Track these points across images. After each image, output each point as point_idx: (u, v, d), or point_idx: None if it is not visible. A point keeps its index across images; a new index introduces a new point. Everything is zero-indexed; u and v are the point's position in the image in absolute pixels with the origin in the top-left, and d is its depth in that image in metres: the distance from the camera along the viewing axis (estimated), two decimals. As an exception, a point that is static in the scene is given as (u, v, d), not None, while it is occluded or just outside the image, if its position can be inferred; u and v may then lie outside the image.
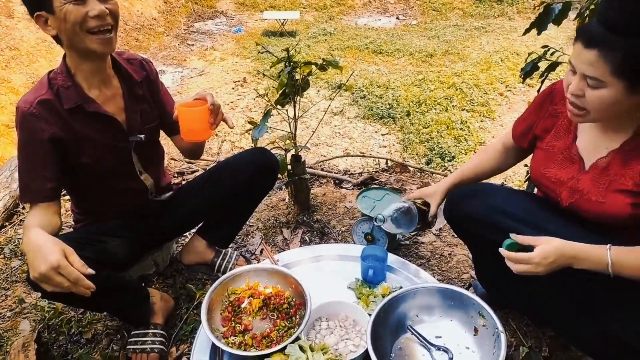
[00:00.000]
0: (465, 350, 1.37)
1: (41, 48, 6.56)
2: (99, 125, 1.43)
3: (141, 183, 1.62)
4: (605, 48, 1.01)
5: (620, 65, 1.00)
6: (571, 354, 1.48)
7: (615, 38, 1.00)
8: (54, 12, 1.25)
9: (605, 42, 1.01)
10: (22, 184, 1.36)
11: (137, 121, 1.51)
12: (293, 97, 1.96)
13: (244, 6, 11.07)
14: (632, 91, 1.03)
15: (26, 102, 1.32)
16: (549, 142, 1.34)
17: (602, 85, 1.04)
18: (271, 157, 1.80)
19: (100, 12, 1.27)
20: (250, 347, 1.39)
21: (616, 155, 1.17)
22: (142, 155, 1.59)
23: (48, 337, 1.66)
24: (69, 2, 1.23)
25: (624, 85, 1.02)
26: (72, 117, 1.37)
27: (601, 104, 1.07)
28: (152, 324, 1.60)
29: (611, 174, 1.17)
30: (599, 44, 1.01)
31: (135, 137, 1.51)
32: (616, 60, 1.00)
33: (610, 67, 1.01)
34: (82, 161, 1.42)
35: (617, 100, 1.05)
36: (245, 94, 6.30)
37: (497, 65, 6.96)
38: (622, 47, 0.99)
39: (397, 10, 10.83)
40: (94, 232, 1.50)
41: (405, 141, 4.98)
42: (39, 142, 1.32)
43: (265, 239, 2.15)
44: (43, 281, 1.13)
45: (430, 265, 1.95)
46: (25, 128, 1.32)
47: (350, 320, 1.47)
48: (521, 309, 1.58)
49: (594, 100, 1.07)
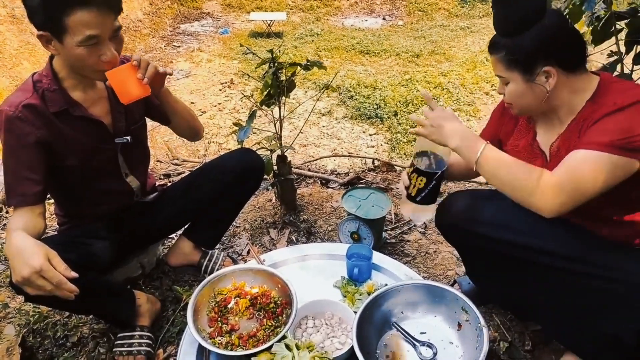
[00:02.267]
0: (449, 345, 1.39)
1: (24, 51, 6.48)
2: (85, 128, 1.42)
3: (127, 185, 1.62)
4: (496, 51, 1.20)
5: (507, 61, 1.18)
6: (553, 347, 1.51)
7: (499, 40, 1.20)
8: (62, 43, 1.22)
9: (495, 46, 1.21)
10: (8, 187, 1.34)
11: (122, 123, 1.51)
12: (278, 98, 1.97)
13: (231, 7, 11.04)
14: (530, 79, 1.18)
15: (11, 105, 1.30)
16: (513, 143, 1.39)
17: (506, 81, 1.22)
18: (257, 157, 1.80)
19: (112, 58, 1.27)
20: (237, 347, 1.39)
21: (563, 137, 1.23)
22: (129, 157, 1.59)
23: (33, 342, 1.64)
24: (82, 45, 1.21)
25: (521, 76, 1.18)
26: (58, 120, 1.36)
27: (513, 96, 1.23)
28: (138, 326, 1.60)
29: (563, 156, 1.19)
30: (493, 49, 1.22)
31: (122, 139, 1.51)
32: (504, 58, 1.19)
33: (504, 64, 1.19)
34: (68, 163, 1.42)
35: (522, 90, 1.20)
36: (232, 96, 6.29)
37: (483, 64, 7.04)
38: (504, 47, 1.18)
39: (383, 11, 10.89)
40: (77, 234, 1.50)
41: (392, 141, 5.01)
42: (25, 145, 1.31)
43: (252, 240, 2.16)
44: (26, 285, 1.12)
45: (415, 262, 1.97)
46: (11, 132, 1.31)
47: (336, 319, 1.49)
48: (507, 302, 1.60)
49: (508, 94, 1.24)
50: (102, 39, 1.23)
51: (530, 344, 1.53)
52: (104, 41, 1.24)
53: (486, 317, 1.34)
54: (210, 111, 5.85)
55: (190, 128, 1.69)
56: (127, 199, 1.66)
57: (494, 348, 1.52)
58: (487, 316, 1.63)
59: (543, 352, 1.52)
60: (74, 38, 1.20)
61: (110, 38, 1.26)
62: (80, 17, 1.17)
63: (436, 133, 1.27)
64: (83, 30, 1.18)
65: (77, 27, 1.18)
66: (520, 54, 1.16)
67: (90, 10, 1.17)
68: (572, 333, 1.33)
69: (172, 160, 3.14)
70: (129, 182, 1.62)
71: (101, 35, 1.22)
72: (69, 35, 1.19)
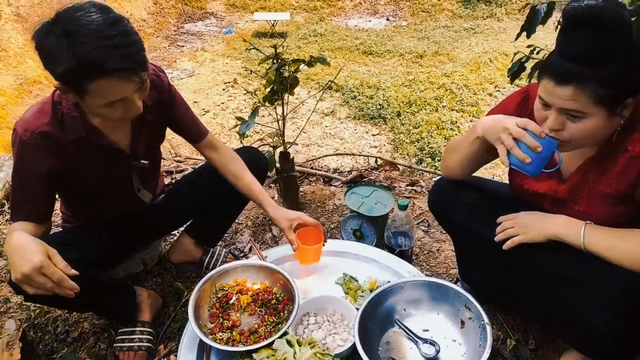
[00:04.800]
0: (452, 343, 1.38)
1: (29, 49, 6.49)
2: (103, 155, 1.38)
3: (138, 199, 1.61)
4: (580, 82, 1.01)
5: (598, 94, 1.01)
6: (557, 346, 1.50)
7: (586, 69, 1.01)
8: (84, 101, 1.16)
9: (579, 76, 1.01)
10: (13, 203, 1.32)
11: (142, 149, 1.47)
12: (281, 95, 1.97)
13: (234, 7, 11.05)
14: (613, 114, 1.05)
15: (26, 130, 1.24)
16: None
17: (584, 115, 1.05)
18: (260, 155, 1.80)
19: (138, 112, 1.22)
20: (238, 343, 1.38)
21: (592, 163, 1.19)
22: (142, 175, 1.57)
23: (34, 336, 1.64)
24: (107, 106, 1.16)
25: (605, 111, 1.04)
26: (75, 147, 1.31)
27: (586, 133, 1.08)
28: (139, 322, 1.59)
29: (590, 182, 1.20)
30: (572, 79, 1.02)
31: (139, 163, 1.48)
32: (594, 90, 1.01)
33: (590, 98, 1.02)
34: (81, 183, 1.40)
35: (600, 126, 1.07)
36: (235, 95, 6.28)
37: (486, 65, 7.01)
38: (595, 78, 1.00)
39: (387, 11, 10.88)
40: (79, 232, 1.49)
41: (395, 141, 4.99)
42: (35, 172, 1.28)
43: (254, 237, 2.15)
44: (25, 282, 1.10)
45: (418, 261, 1.96)
46: (23, 158, 1.27)
47: (338, 315, 1.48)
48: (502, 302, 1.60)
49: (578, 131, 1.08)
50: (127, 99, 1.18)
51: (534, 343, 1.52)
52: (128, 99, 1.18)
53: (489, 315, 1.33)
54: (213, 110, 5.85)
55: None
56: (138, 207, 1.65)
57: (497, 346, 1.51)
58: (491, 314, 1.61)
59: (547, 350, 1.50)
60: (96, 101, 1.15)
61: (137, 91, 1.19)
62: (103, 85, 1.11)
63: (530, 233, 1.23)
64: (106, 96, 1.14)
65: (100, 93, 1.13)
66: (617, 87, 1.01)
67: (113, 79, 1.11)
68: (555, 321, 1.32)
69: (175, 157, 3.13)
70: (141, 197, 1.61)
71: (126, 97, 1.17)
72: (91, 97, 1.14)
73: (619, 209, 1.17)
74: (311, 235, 1.59)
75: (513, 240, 1.26)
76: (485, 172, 3.75)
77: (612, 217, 1.17)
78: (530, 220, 1.25)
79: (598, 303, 1.11)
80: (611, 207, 1.17)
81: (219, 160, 1.64)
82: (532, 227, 1.23)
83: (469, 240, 1.47)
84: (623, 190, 1.14)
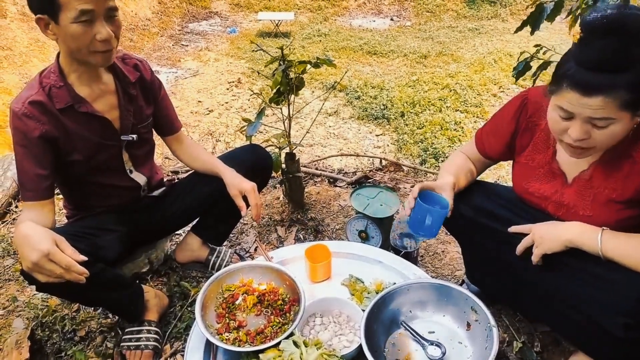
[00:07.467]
0: (458, 345, 1.38)
1: (34, 48, 6.53)
2: (90, 124, 1.43)
3: (132, 180, 1.62)
4: (608, 90, 1.00)
5: (626, 99, 1.00)
6: (563, 349, 1.50)
7: (612, 77, 1.00)
8: (58, 23, 1.24)
9: (607, 85, 1.00)
10: (20, 183, 1.37)
11: (129, 121, 1.52)
12: (287, 96, 1.97)
13: (239, 7, 11.07)
14: (635, 115, 1.05)
15: (18, 102, 1.33)
16: (528, 156, 1.36)
17: (612, 122, 1.04)
18: (264, 153, 1.80)
19: (107, 37, 1.28)
20: (245, 343, 1.39)
21: (597, 167, 1.20)
22: (133, 154, 1.60)
23: (42, 335, 1.65)
24: (77, 22, 1.23)
25: (630, 114, 1.04)
26: (63, 116, 1.37)
27: (612, 138, 1.08)
28: (146, 321, 1.60)
29: (595, 186, 1.20)
30: (600, 89, 1.01)
31: (127, 136, 1.52)
32: (622, 96, 1.00)
33: (618, 104, 1.01)
34: (73, 158, 1.43)
35: (624, 130, 1.07)
36: (239, 95, 6.30)
37: (491, 66, 7.00)
38: (622, 84, 0.99)
39: (391, 11, 10.87)
40: (86, 226, 1.50)
41: (399, 142, 5.00)
42: (31, 140, 1.33)
43: (259, 237, 2.16)
44: (35, 270, 1.14)
45: (424, 262, 1.96)
46: (17, 128, 1.33)
47: (344, 316, 1.48)
48: (511, 304, 1.60)
49: (605, 137, 1.07)
50: (96, 14, 1.24)
51: (539, 345, 1.52)
52: (98, 18, 1.25)
53: (495, 317, 1.34)
54: (217, 110, 5.86)
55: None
56: (135, 193, 1.66)
57: (503, 349, 1.51)
58: (496, 317, 1.61)
59: (553, 353, 1.50)
60: (67, 15, 1.21)
61: (106, 18, 1.27)
62: None
63: (546, 243, 1.22)
64: (75, 4, 1.20)
65: (70, 2, 1.20)
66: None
67: None
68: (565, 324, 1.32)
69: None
70: (134, 178, 1.63)
71: (95, 10, 1.23)
72: (63, 12, 1.21)
73: (625, 213, 1.17)
74: (319, 253, 1.62)
75: (535, 254, 1.24)
76: (489, 172, 3.75)
77: (618, 222, 1.17)
78: (545, 230, 1.24)
79: (615, 309, 1.10)
80: (617, 212, 1.18)
81: (180, 150, 1.77)
82: (548, 236, 1.22)
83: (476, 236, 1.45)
84: (629, 196, 1.14)
